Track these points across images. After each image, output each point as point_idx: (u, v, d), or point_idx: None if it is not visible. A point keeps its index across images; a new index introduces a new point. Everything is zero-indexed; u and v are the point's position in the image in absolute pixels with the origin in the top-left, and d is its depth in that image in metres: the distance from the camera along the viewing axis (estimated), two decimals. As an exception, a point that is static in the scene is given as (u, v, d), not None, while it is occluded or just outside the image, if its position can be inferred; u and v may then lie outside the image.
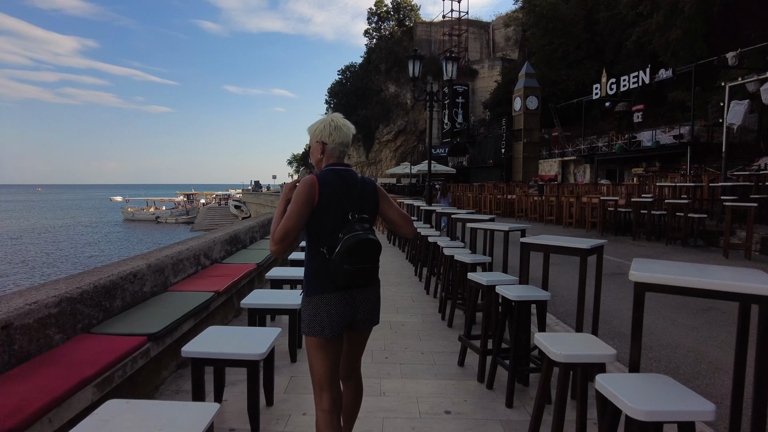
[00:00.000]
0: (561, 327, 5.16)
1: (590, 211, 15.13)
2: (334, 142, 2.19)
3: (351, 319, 2.15)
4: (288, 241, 2.03)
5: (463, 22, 46.48)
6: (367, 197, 2.19)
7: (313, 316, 2.09)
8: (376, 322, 2.29)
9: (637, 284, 2.04)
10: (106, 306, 3.45)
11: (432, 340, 4.57)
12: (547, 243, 3.48)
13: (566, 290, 6.97)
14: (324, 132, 2.19)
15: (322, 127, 2.20)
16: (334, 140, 2.19)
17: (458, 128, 40.52)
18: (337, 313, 2.08)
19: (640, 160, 23.67)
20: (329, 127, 2.19)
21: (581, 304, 3.38)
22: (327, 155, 2.21)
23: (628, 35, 25.05)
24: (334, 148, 2.21)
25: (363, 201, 2.16)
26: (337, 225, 2.06)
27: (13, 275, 22.32)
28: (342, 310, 2.10)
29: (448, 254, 5.34)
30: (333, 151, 2.21)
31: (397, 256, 10.01)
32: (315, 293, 2.09)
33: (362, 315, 2.17)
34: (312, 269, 2.13)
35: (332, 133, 2.19)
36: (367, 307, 2.18)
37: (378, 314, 2.28)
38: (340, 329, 2.10)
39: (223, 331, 3.11)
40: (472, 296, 3.90)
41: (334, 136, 2.19)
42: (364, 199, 2.17)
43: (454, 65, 9.82)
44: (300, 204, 2.03)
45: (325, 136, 2.19)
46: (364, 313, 2.18)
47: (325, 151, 2.21)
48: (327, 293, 2.08)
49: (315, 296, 2.09)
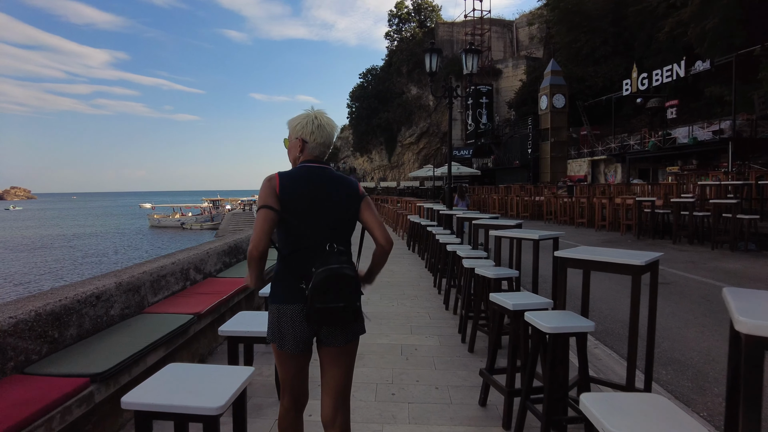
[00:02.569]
0: (602, 352, 4.40)
1: (624, 212, 14.16)
2: (315, 141, 2.03)
3: (314, 335, 2.01)
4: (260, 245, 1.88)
5: (486, 21, 45.49)
6: (343, 198, 2.01)
7: (274, 325, 1.98)
8: (351, 339, 2.06)
9: (749, 338, 1.32)
10: (53, 337, 2.89)
11: (449, 370, 3.88)
12: (589, 258, 2.78)
13: (600, 301, 6.19)
14: (305, 129, 2.03)
15: (304, 123, 2.03)
16: (316, 139, 2.03)
17: (482, 129, 39.53)
18: (294, 328, 1.95)
19: (675, 158, 22.42)
20: (312, 124, 2.03)
21: (634, 335, 2.67)
22: (306, 154, 2.04)
23: (659, 27, 23.82)
24: (314, 148, 2.04)
25: (336, 201, 1.99)
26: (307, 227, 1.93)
27: (35, 282, 22.46)
28: (301, 326, 1.96)
29: (469, 266, 4.65)
30: (313, 151, 2.04)
31: (415, 265, 9.33)
32: (275, 302, 1.97)
33: (326, 330, 1.98)
34: (277, 272, 2.00)
35: (314, 131, 2.02)
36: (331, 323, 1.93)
37: (350, 332, 2.05)
38: (300, 345, 1.97)
39: (183, 370, 2.49)
40: (496, 321, 3.21)
41: (316, 135, 2.03)
42: (338, 200, 1.99)
43: (474, 58, 9.11)
44: (261, 202, 1.90)
45: (306, 133, 2.03)
46: (328, 328, 1.97)
47: (304, 149, 2.04)
48: (287, 304, 1.95)
49: (275, 305, 1.97)
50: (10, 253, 33.53)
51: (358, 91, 53.32)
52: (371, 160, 55.67)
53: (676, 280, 7.40)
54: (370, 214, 2.08)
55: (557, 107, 29.51)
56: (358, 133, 54.08)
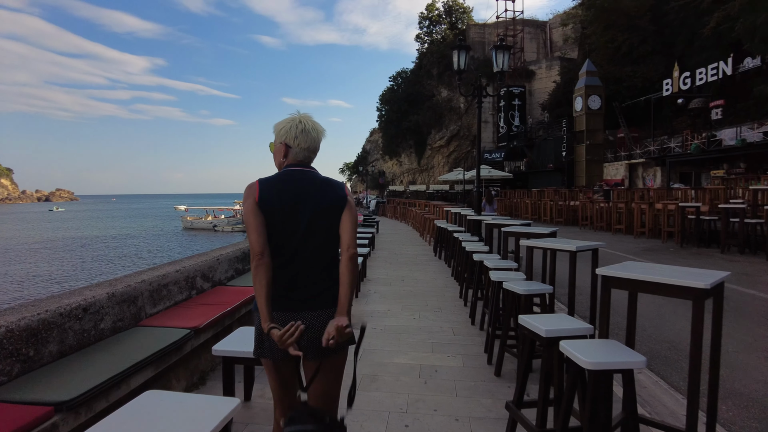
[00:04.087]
0: (648, 378, 3.88)
1: (666, 218, 13.32)
2: (299, 146, 1.97)
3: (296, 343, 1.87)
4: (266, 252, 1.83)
5: (518, 22, 44.53)
6: (328, 201, 1.93)
7: (257, 334, 1.95)
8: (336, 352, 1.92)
9: None
10: (27, 355, 2.61)
11: (472, 397, 3.44)
12: (639, 278, 2.31)
13: (642, 317, 5.61)
14: (289, 134, 1.98)
15: (288, 127, 1.99)
16: (299, 144, 1.97)
17: (515, 131, 38.59)
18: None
19: (721, 161, 21.17)
20: (295, 129, 1.98)
21: (696, 372, 2.18)
22: (290, 159, 1.99)
23: (704, 23, 22.62)
24: (299, 153, 1.99)
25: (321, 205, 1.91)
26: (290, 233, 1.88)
27: (73, 281, 22.96)
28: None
29: (496, 279, 4.20)
30: (297, 155, 1.99)
31: (441, 272, 8.88)
32: (257, 309, 1.88)
33: (305, 342, 1.85)
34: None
35: (298, 136, 1.97)
36: (310, 335, 1.86)
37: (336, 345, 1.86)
38: (281, 352, 1.84)
39: (158, 401, 2.16)
40: (526, 347, 2.77)
41: (300, 140, 1.97)
42: (322, 203, 1.92)
43: (505, 55, 8.61)
44: (246, 213, 1.88)
45: (290, 138, 1.97)
46: (307, 341, 1.85)
47: (288, 154, 1.99)
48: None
49: (257, 313, 1.90)
50: (52, 253, 34.60)
51: (388, 94, 53.04)
52: (400, 163, 55.27)
53: (729, 295, 6.71)
54: (348, 215, 1.96)
55: (593, 109, 28.44)
56: (388, 136, 53.77)
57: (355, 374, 1.85)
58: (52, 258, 31.96)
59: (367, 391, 3.52)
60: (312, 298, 1.90)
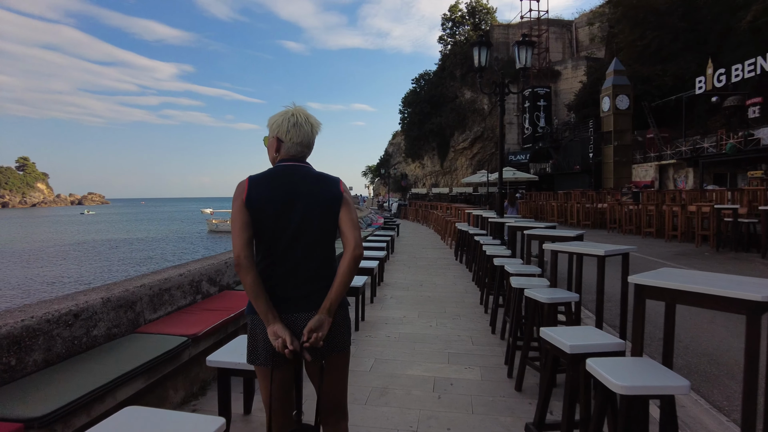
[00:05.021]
0: (686, 397, 3.51)
1: (700, 221, 12.69)
2: (291, 140, 1.89)
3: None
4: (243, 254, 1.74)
5: (543, 22, 43.77)
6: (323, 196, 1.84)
7: (250, 339, 1.86)
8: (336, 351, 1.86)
9: None
10: (8, 364, 2.45)
11: (489, 414, 3.15)
12: (679, 287, 2.01)
13: (677, 326, 5.20)
14: (281, 128, 1.89)
15: (280, 121, 1.90)
16: (292, 138, 1.88)
17: (540, 132, 37.86)
18: (266, 339, 1.77)
19: (758, 161, 20.23)
20: (287, 122, 1.89)
21: (752, 397, 1.86)
22: (282, 153, 1.91)
23: (739, 18, 21.73)
24: (291, 147, 1.89)
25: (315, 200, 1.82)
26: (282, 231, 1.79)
27: (99, 283, 23.33)
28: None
29: (518, 286, 3.91)
30: (289, 150, 1.90)
31: (461, 277, 8.57)
32: (251, 312, 1.84)
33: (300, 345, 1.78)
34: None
35: (290, 130, 1.88)
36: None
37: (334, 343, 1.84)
38: (274, 358, 1.78)
39: (138, 419, 1.96)
40: (549, 363, 2.48)
41: (292, 134, 1.88)
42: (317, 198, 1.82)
43: (528, 51, 8.27)
44: (233, 214, 1.81)
45: (282, 132, 1.89)
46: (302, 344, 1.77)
47: (280, 149, 1.90)
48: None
49: (250, 316, 1.85)
50: (81, 255, 35.43)
51: (411, 97, 52.79)
52: (423, 165, 54.90)
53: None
54: (346, 212, 1.87)
55: (621, 109, 27.61)
56: (410, 139, 53.49)
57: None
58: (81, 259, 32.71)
59: (375, 405, 3.27)
60: (304, 299, 1.82)
